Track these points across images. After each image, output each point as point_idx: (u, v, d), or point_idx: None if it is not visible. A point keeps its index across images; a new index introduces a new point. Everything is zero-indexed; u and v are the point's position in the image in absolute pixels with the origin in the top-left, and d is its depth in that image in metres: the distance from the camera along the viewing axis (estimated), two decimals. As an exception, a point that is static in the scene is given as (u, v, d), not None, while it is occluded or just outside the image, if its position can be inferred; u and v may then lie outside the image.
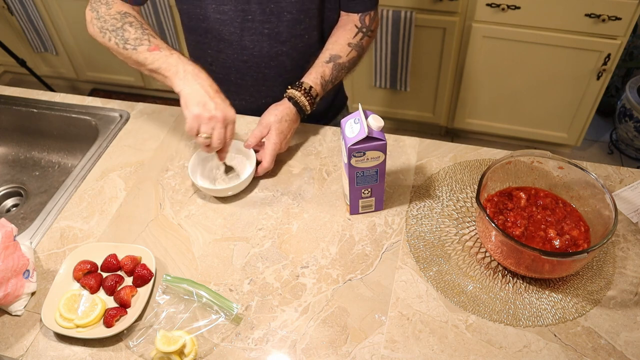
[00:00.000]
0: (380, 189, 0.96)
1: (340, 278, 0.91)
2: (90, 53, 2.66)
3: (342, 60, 1.13)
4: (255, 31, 1.12)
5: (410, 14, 2.02)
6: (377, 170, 0.92)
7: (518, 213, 0.92)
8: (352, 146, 0.87)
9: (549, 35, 1.95)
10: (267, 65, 1.18)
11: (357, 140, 0.87)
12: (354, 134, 0.88)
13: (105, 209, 1.06)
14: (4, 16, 2.63)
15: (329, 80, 1.12)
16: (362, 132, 0.86)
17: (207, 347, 0.83)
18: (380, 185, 0.95)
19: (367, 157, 0.90)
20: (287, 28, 1.11)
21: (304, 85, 1.09)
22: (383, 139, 0.88)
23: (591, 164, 1.07)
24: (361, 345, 0.82)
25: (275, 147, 1.06)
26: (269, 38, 1.13)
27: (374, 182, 0.95)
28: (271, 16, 1.09)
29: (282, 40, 1.13)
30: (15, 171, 1.34)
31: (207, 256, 0.96)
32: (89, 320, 0.84)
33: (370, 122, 0.88)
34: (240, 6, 1.08)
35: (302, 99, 1.09)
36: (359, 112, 0.89)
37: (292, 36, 1.13)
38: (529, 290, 0.88)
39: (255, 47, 1.14)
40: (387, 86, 2.32)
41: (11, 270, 0.87)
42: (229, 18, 1.10)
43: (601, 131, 2.54)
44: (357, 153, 0.88)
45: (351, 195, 0.96)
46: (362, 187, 0.95)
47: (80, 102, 1.31)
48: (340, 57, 1.13)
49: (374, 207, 1.00)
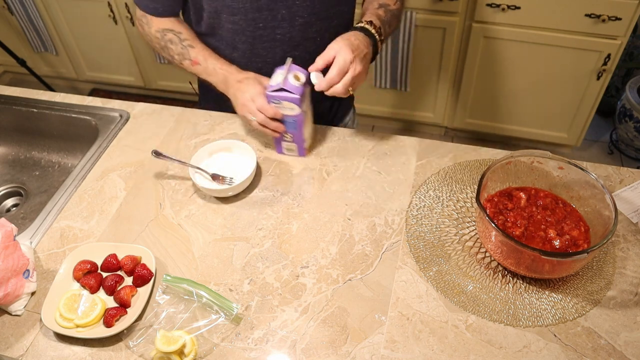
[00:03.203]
0: (300, 138, 1.08)
1: (340, 278, 0.91)
2: (90, 53, 2.66)
3: (392, 8, 1.13)
4: (267, 38, 1.11)
5: (410, 14, 2.02)
6: (296, 120, 1.04)
7: (518, 213, 0.92)
8: (269, 93, 1.00)
9: (549, 35, 1.95)
10: None
11: (273, 89, 0.99)
12: (273, 83, 1.00)
13: (105, 209, 1.06)
14: (4, 16, 2.63)
15: (385, 20, 1.09)
16: (278, 84, 0.99)
17: (207, 347, 0.83)
18: (299, 134, 1.07)
19: (284, 106, 1.02)
20: (300, 32, 1.10)
21: (365, 19, 1.06)
22: (296, 93, 0.99)
23: (591, 164, 1.07)
24: (361, 345, 0.82)
25: (346, 57, 0.96)
26: (282, 44, 1.12)
27: (294, 130, 1.06)
28: (283, 22, 1.08)
29: (295, 44, 1.12)
30: (15, 171, 1.34)
31: (207, 256, 0.96)
32: (89, 320, 0.84)
33: (290, 76, 1.00)
34: (251, 15, 1.07)
35: (365, 26, 1.04)
36: (289, 63, 1.01)
37: (305, 39, 1.12)
38: (529, 291, 0.88)
39: (269, 54, 1.13)
40: (387, 86, 2.32)
41: (11, 270, 0.87)
42: (240, 27, 1.09)
43: (601, 131, 2.54)
44: (274, 100, 1.01)
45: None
46: (285, 131, 1.07)
47: (80, 102, 1.31)
48: (389, 4, 1.13)
49: (297, 153, 1.12)
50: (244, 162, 1.10)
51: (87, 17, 2.45)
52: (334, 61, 0.97)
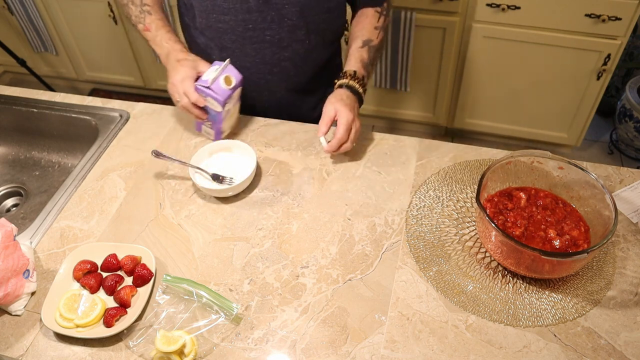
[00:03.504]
0: (218, 128, 1.13)
1: (340, 278, 0.91)
2: (90, 53, 2.66)
3: (374, 43, 1.19)
4: (257, 39, 1.13)
5: (410, 14, 2.02)
6: (216, 115, 1.09)
7: (518, 213, 0.92)
8: (197, 84, 1.05)
9: (549, 35, 1.94)
10: (270, 71, 1.19)
11: (202, 85, 1.04)
12: (205, 77, 1.05)
13: (105, 209, 1.06)
14: (4, 16, 2.62)
15: (368, 62, 1.17)
16: (207, 81, 1.04)
17: (207, 347, 0.83)
18: (218, 125, 1.12)
19: (208, 101, 1.07)
20: (289, 34, 1.13)
21: (348, 72, 1.13)
22: (220, 96, 1.05)
23: (591, 164, 1.07)
24: (361, 345, 0.82)
25: (348, 117, 1.05)
26: (271, 45, 1.14)
27: (214, 120, 1.11)
28: (272, 23, 1.11)
29: (284, 45, 1.15)
30: (15, 171, 1.34)
31: (207, 256, 0.96)
32: (89, 320, 0.84)
33: (221, 78, 1.05)
34: (241, 16, 1.10)
35: (350, 82, 1.12)
36: (227, 64, 1.06)
37: (294, 41, 1.15)
38: (529, 290, 0.88)
39: (258, 55, 1.16)
40: (387, 86, 2.32)
41: (11, 270, 0.87)
42: (230, 27, 1.12)
43: (601, 131, 2.53)
44: (201, 92, 1.06)
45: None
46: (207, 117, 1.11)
47: (80, 102, 1.31)
48: (372, 40, 1.18)
49: (213, 138, 1.17)
50: (244, 162, 1.10)
51: (87, 17, 2.45)
52: (339, 122, 1.06)
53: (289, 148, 1.16)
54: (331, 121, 1.07)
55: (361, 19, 1.20)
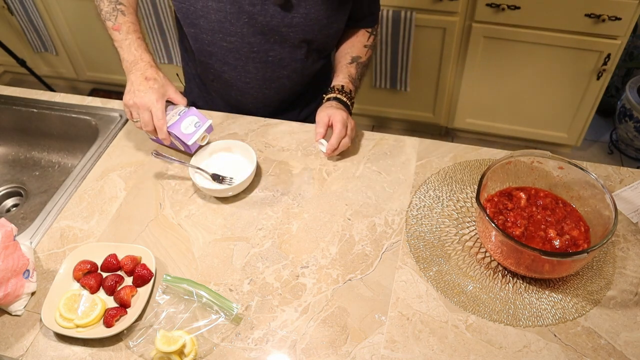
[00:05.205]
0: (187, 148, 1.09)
1: (340, 278, 0.91)
2: (90, 53, 2.66)
3: (362, 60, 1.24)
4: (260, 60, 1.16)
5: (410, 14, 2.02)
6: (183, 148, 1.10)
7: (518, 213, 0.92)
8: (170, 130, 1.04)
9: (549, 35, 1.94)
10: (268, 86, 1.23)
11: (177, 134, 1.04)
12: (183, 129, 1.05)
13: (105, 209, 1.06)
14: (4, 16, 2.62)
15: (356, 77, 1.22)
16: (187, 137, 1.05)
17: (207, 347, 0.83)
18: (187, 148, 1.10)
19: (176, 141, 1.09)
20: (289, 54, 1.17)
21: (336, 87, 1.18)
22: (191, 150, 1.07)
23: (591, 164, 1.07)
24: (361, 345, 0.82)
25: (342, 116, 1.08)
26: (272, 64, 1.18)
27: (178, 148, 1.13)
28: (275, 45, 1.14)
29: (284, 65, 1.19)
30: (15, 171, 1.34)
31: (207, 256, 0.96)
32: (89, 320, 0.84)
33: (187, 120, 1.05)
34: (247, 39, 1.12)
35: (338, 95, 1.16)
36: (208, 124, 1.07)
37: (293, 60, 1.18)
38: (529, 290, 0.88)
39: (259, 72, 1.19)
40: (387, 86, 2.32)
41: (11, 270, 0.87)
42: (235, 47, 1.14)
43: (601, 131, 2.53)
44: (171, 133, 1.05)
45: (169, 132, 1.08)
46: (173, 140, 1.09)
47: (80, 102, 1.31)
48: (360, 57, 1.24)
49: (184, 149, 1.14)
50: (244, 162, 1.10)
51: (87, 17, 2.45)
52: (334, 122, 1.08)
53: (289, 148, 1.16)
54: (326, 126, 1.09)
55: (351, 37, 1.25)
